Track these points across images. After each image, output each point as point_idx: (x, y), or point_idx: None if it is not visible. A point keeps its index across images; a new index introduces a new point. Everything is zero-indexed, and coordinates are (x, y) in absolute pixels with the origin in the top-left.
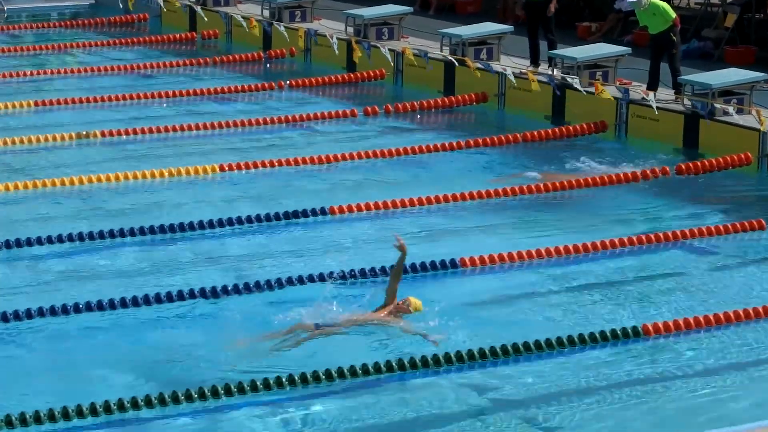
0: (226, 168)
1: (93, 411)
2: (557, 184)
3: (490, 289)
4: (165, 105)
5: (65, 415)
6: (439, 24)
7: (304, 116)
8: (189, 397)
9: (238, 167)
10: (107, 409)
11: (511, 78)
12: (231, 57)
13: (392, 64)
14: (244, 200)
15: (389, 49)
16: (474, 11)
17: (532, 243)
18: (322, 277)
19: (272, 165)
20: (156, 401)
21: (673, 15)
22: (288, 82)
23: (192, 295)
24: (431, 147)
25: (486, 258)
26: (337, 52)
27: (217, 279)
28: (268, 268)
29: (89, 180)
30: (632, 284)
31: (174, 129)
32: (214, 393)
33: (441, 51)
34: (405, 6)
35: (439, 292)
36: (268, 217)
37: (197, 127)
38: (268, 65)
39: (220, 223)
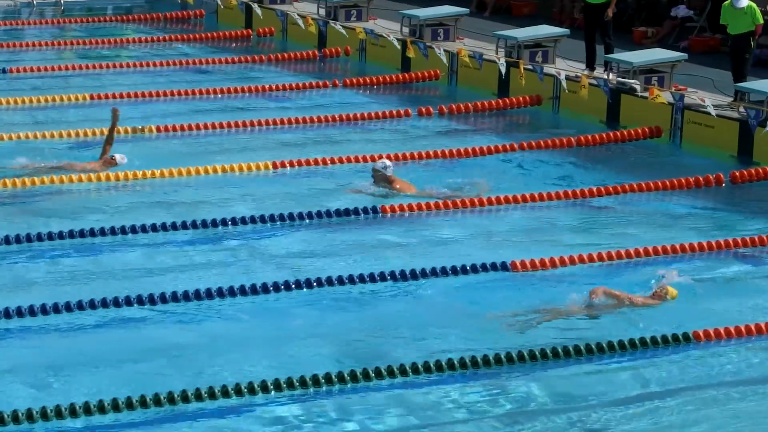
0: (279, 165)
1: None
2: (610, 189)
3: (540, 293)
4: (219, 101)
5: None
6: (495, 26)
7: (358, 115)
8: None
9: (291, 164)
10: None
11: (563, 84)
12: (286, 55)
13: (447, 64)
14: (296, 198)
15: (444, 50)
16: (530, 13)
17: (583, 247)
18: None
19: (325, 163)
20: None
21: (761, 20)
22: (342, 81)
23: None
24: (484, 149)
25: (537, 262)
26: (398, 47)
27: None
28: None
29: (143, 175)
30: (684, 292)
31: (228, 125)
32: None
33: (496, 53)
34: (461, 7)
35: (490, 295)
36: (319, 214)
37: (251, 124)
38: (322, 64)
39: (272, 219)
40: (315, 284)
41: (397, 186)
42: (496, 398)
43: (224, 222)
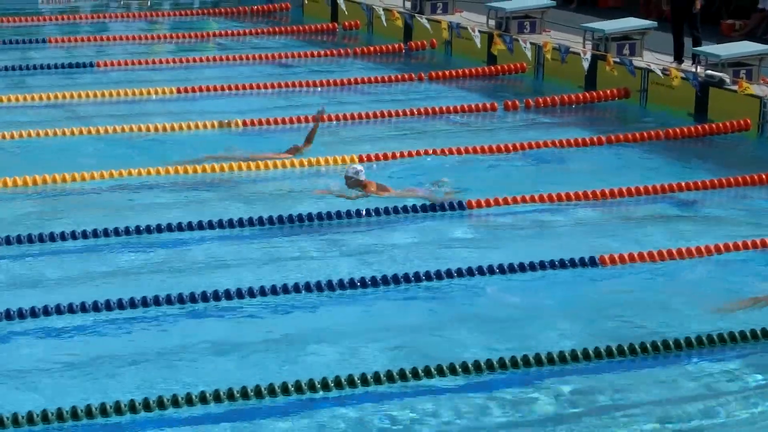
0: (365, 158)
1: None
2: (699, 184)
3: (628, 288)
4: (304, 95)
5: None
6: (582, 18)
7: (444, 108)
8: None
9: (377, 158)
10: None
11: (658, 72)
12: (371, 48)
13: (533, 57)
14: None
15: (530, 43)
16: (616, 6)
17: (670, 242)
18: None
19: (410, 155)
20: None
21: None
22: (428, 74)
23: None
24: (571, 142)
25: (626, 256)
26: (479, 45)
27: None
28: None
29: (229, 168)
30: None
31: (313, 119)
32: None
33: (583, 46)
34: (547, 0)
35: (577, 289)
36: (405, 209)
37: (336, 118)
38: (408, 57)
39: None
40: (392, 281)
41: (372, 189)
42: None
43: (310, 217)
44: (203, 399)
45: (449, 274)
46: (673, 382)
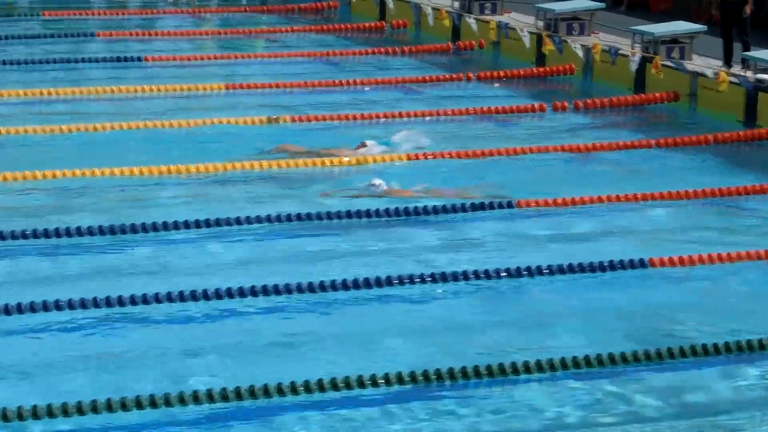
0: (413, 157)
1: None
2: (748, 189)
3: (676, 291)
4: (351, 93)
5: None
6: (631, 21)
7: (492, 109)
8: None
9: (425, 157)
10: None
11: (709, 74)
12: (419, 47)
13: (582, 59)
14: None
15: (580, 45)
16: (667, 9)
17: (719, 246)
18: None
19: (459, 156)
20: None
21: None
22: (476, 74)
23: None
24: (620, 144)
25: (675, 259)
26: (528, 45)
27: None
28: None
29: (278, 165)
30: None
31: (361, 117)
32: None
33: (632, 48)
34: (597, 1)
35: (626, 293)
36: (454, 209)
37: (384, 116)
38: (456, 56)
39: (407, 212)
40: (451, 278)
41: (395, 194)
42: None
43: (358, 213)
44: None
45: (497, 273)
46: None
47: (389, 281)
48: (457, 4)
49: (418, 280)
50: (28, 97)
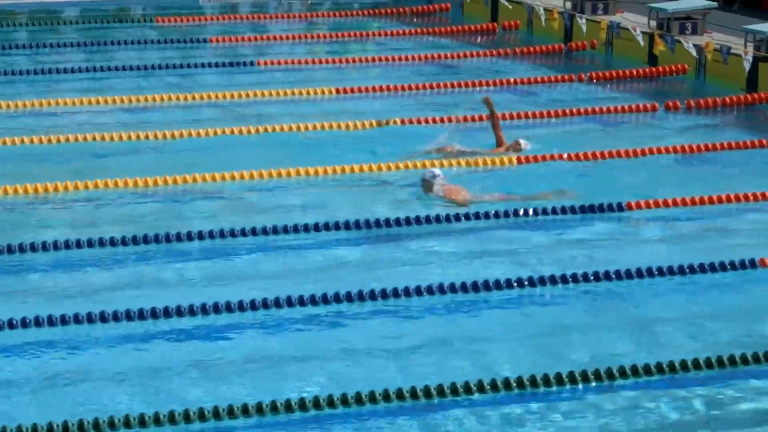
0: (523, 160)
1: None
2: None
3: None
4: (463, 95)
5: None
6: (744, 20)
7: (604, 109)
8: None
9: (535, 159)
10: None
11: None
12: (531, 48)
13: (695, 58)
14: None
15: (692, 44)
16: None
17: None
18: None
19: (570, 159)
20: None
21: None
22: (588, 74)
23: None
24: (732, 144)
25: None
26: (642, 43)
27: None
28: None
29: (387, 167)
30: None
31: (473, 119)
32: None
33: (744, 47)
34: (709, 1)
35: (738, 292)
36: (563, 210)
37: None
38: (568, 57)
39: (516, 213)
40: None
41: (448, 193)
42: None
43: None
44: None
45: (607, 276)
46: None
47: (498, 284)
48: (569, 5)
49: (527, 282)
50: (141, 104)
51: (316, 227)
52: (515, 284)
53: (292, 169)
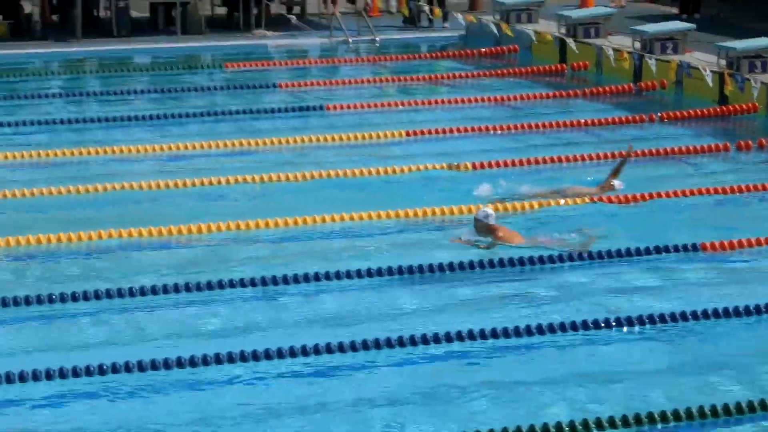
0: (596, 200)
1: None
2: None
3: None
4: (533, 136)
5: None
6: None
7: (675, 149)
8: None
9: (609, 200)
10: None
11: None
12: (600, 89)
13: (766, 97)
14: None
15: (762, 83)
16: None
17: None
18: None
19: (643, 199)
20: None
21: None
22: (659, 114)
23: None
24: None
25: None
26: (711, 84)
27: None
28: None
29: (459, 210)
30: None
31: (546, 161)
32: None
33: None
34: None
35: None
36: (635, 251)
37: (566, 159)
38: (638, 97)
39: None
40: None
41: (501, 235)
42: None
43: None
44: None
45: (683, 316)
46: None
47: (573, 326)
48: (638, 45)
49: (603, 324)
50: (212, 149)
51: (380, 272)
52: (591, 325)
53: (363, 213)
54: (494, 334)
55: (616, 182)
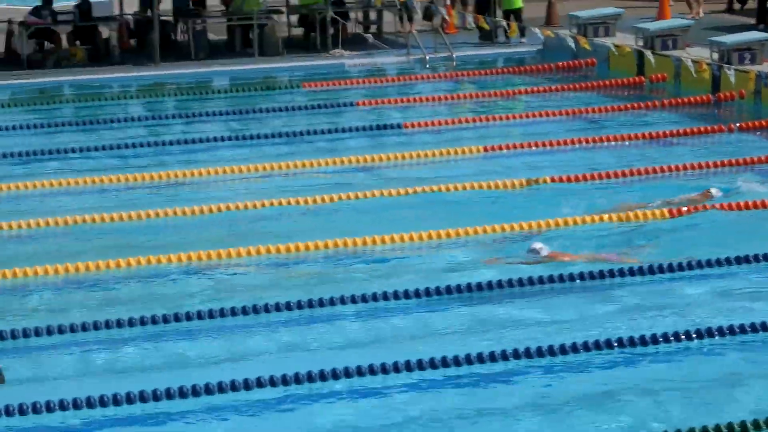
0: (675, 213)
1: None
2: None
3: None
4: (612, 150)
5: None
6: None
7: (755, 159)
8: None
9: (687, 211)
10: None
11: None
12: (678, 100)
13: None
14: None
15: None
16: None
17: None
18: None
19: (722, 208)
20: None
21: None
22: (738, 124)
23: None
24: None
25: None
26: None
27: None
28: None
29: (529, 225)
30: None
31: (621, 174)
32: None
33: None
34: None
35: None
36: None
37: (645, 172)
38: (716, 108)
39: (671, 268)
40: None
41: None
42: None
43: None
44: None
45: (753, 328)
46: None
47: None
48: (716, 56)
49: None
50: (290, 170)
51: (458, 288)
52: (661, 339)
53: (442, 231)
54: (586, 346)
55: (713, 190)
